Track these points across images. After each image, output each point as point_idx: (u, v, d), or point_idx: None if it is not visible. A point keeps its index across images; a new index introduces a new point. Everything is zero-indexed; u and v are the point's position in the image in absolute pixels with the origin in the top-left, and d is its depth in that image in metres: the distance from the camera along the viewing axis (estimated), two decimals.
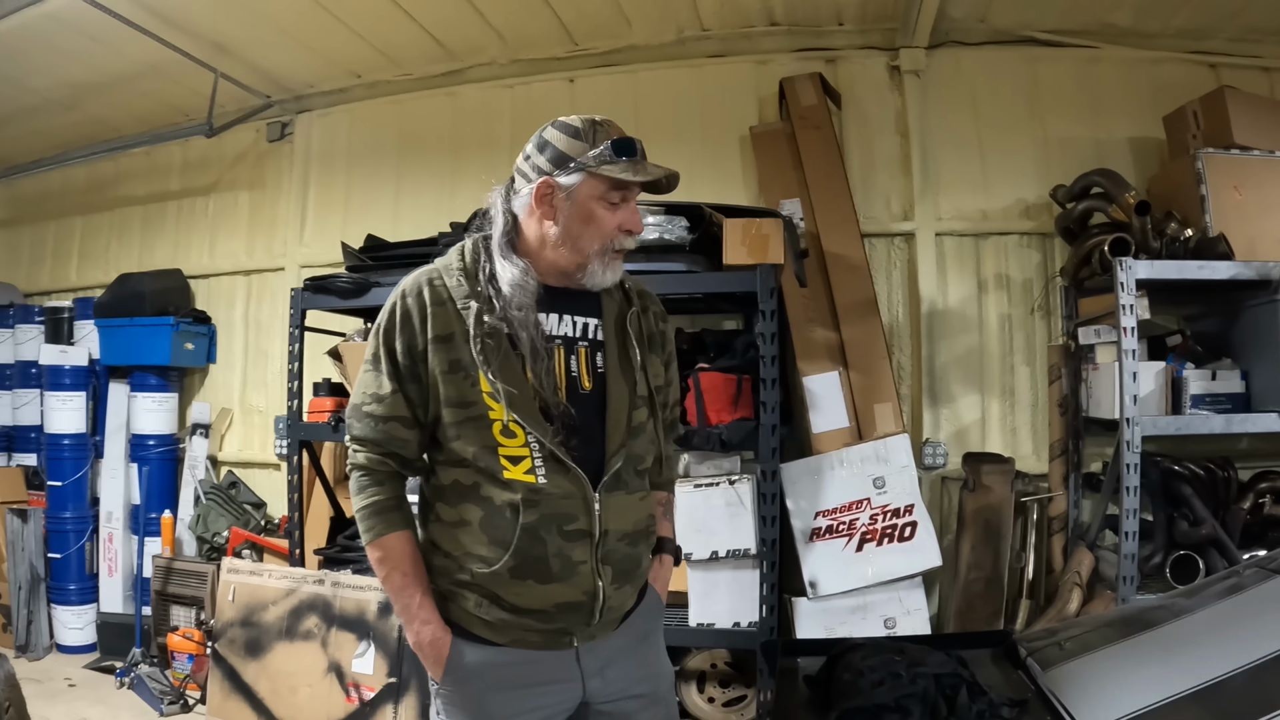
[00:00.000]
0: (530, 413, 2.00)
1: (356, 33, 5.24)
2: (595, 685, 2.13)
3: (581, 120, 2.08)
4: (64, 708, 5.10)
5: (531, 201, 2.07)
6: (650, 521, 2.24)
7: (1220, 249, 3.94)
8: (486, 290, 2.07)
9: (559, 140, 2.06)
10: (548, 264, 2.11)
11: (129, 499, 6.25)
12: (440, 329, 2.04)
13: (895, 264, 5.06)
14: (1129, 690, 2.05)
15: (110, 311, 6.17)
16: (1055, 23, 4.90)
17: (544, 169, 2.06)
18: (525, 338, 2.02)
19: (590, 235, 2.07)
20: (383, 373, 2.09)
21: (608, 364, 2.15)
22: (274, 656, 4.50)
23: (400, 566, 2.10)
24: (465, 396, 2.02)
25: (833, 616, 4.06)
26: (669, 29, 5.23)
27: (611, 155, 2.03)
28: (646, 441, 2.20)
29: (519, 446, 2.01)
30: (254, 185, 6.45)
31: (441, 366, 2.03)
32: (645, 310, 2.29)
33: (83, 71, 5.62)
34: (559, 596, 2.03)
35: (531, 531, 1.99)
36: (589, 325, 2.17)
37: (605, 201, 2.06)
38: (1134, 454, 3.80)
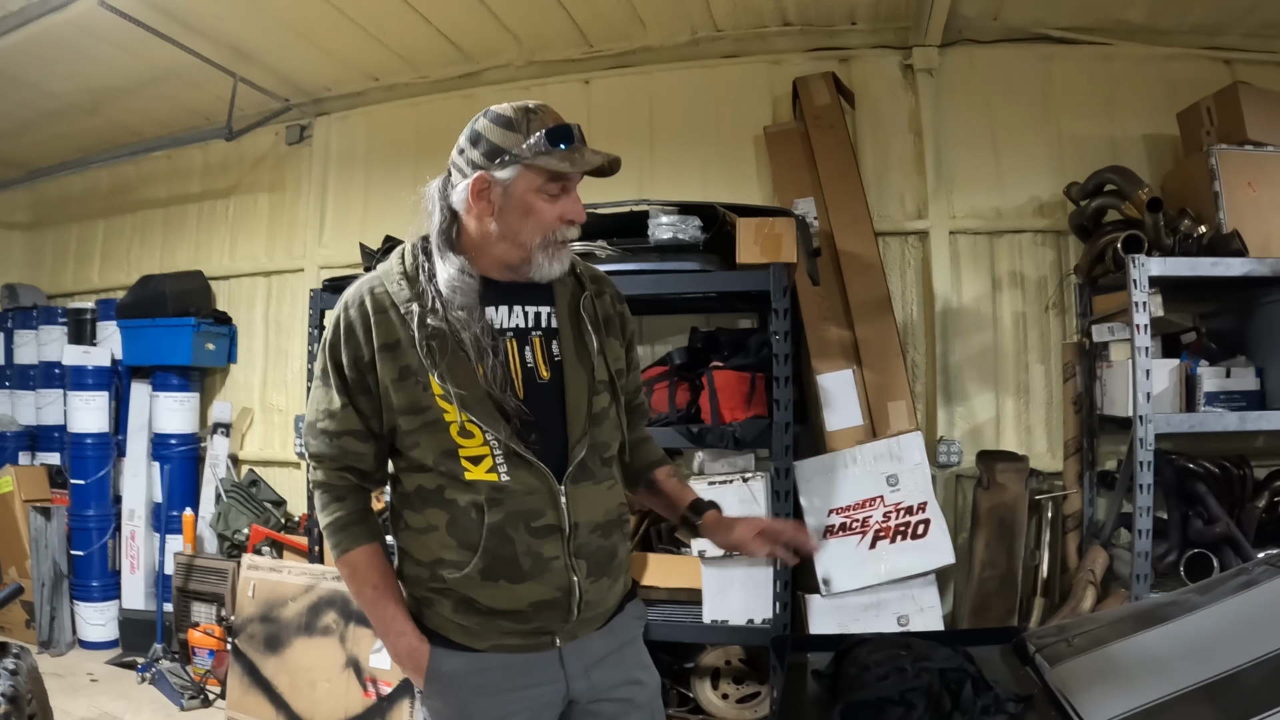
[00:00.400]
0: (485, 411, 1.96)
1: (374, 36, 5.27)
2: (580, 686, 2.09)
3: (514, 109, 2.01)
4: (86, 702, 5.15)
5: (468, 197, 2.00)
6: (622, 510, 2.19)
7: (1234, 245, 3.92)
8: (429, 291, 2.01)
9: (491, 132, 2.00)
10: (491, 259, 2.05)
11: (151, 497, 6.31)
12: (385, 337, 2.00)
13: (909, 262, 5.06)
14: (1136, 686, 2.05)
15: (132, 312, 6.24)
16: (1068, 20, 4.87)
17: (478, 163, 1.99)
18: (469, 338, 1.97)
19: (531, 229, 2.00)
20: (332, 387, 2.06)
21: (563, 351, 2.09)
22: (293, 652, 4.54)
23: (370, 580, 2.08)
24: (418, 402, 1.98)
25: (846, 614, 4.07)
26: (683, 30, 5.24)
27: (546, 146, 1.96)
28: (611, 428, 2.14)
29: (478, 446, 1.97)
30: (274, 188, 6.50)
31: (391, 375, 1.99)
32: (600, 294, 2.23)
33: (104, 76, 5.67)
34: (533, 595, 1.99)
35: (498, 531, 1.96)
36: (541, 314, 2.11)
37: (544, 194, 1.99)
38: (1147, 452, 3.78)
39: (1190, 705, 1.90)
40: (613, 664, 2.14)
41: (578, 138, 2.00)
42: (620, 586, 2.18)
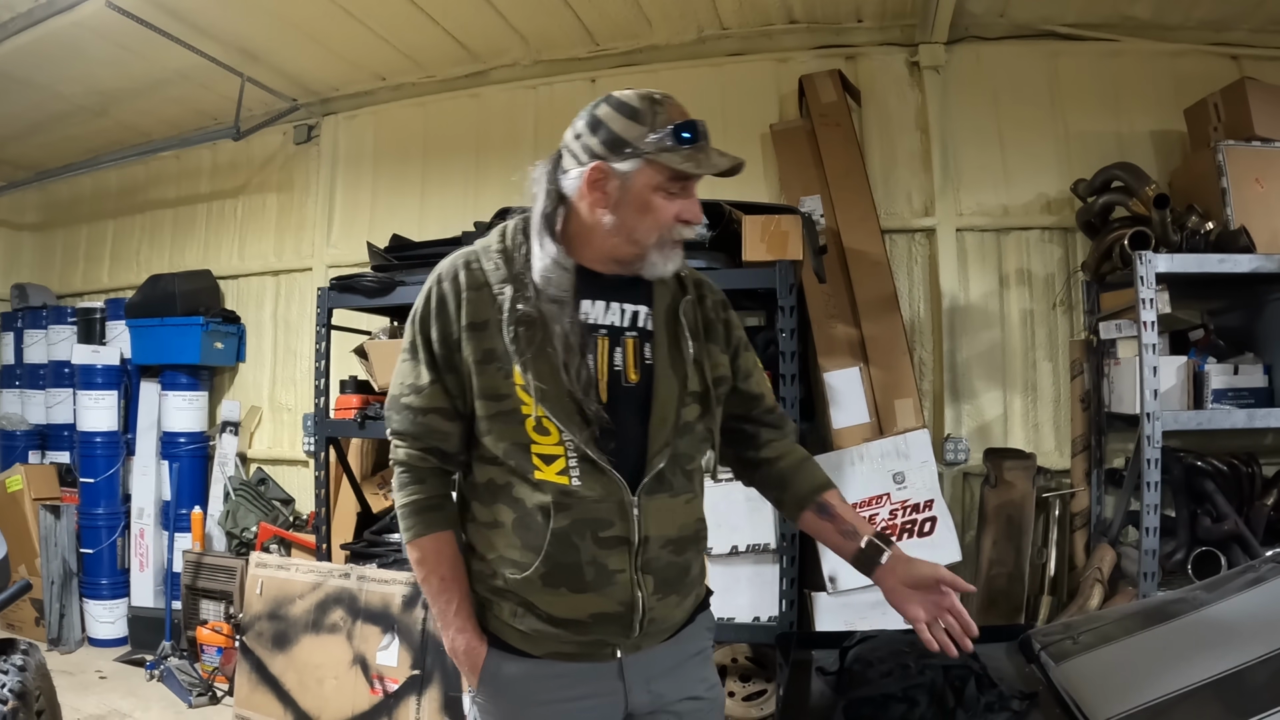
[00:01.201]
0: (564, 409, 1.84)
1: (381, 36, 5.29)
2: (641, 699, 1.99)
3: (639, 97, 1.90)
4: (95, 699, 5.18)
5: (582, 186, 1.89)
6: (700, 526, 2.07)
7: (1241, 242, 3.91)
8: (524, 274, 1.91)
9: (613, 120, 1.87)
10: (598, 250, 1.94)
11: (160, 495, 6.34)
12: (474, 315, 1.90)
13: (916, 260, 5.05)
14: (1140, 683, 2.04)
15: (141, 312, 6.27)
16: (1075, 16, 4.86)
17: (596, 151, 1.87)
18: (558, 331, 1.86)
19: (647, 227, 1.90)
20: (420, 362, 1.97)
21: (656, 356, 1.97)
22: (300, 649, 4.55)
23: (438, 570, 1.99)
24: (498, 389, 1.88)
25: (853, 611, 4.07)
26: (689, 28, 5.24)
27: (673, 142, 1.85)
28: (697, 440, 2.03)
29: (552, 445, 1.86)
30: (282, 187, 6.53)
31: (475, 356, 1.89)
32: (702, 299, 2.11)
33: (113, 78, 5.70)
34: (594, 607, 1.89)
35: (563, 537, 1.86)
36: (639, 314, 1.99)
37: (663, 191, 1.87)
38: (1155, 449, 3.76)
39: (1195, 703, 1.90)
40: (676, 678, 2.04)
41: (703, 135, 1.90)
42: (691, 601, 2.08)
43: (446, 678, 4.08)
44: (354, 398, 4.96)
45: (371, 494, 5.33)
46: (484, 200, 5.55)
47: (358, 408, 4.82)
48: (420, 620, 4.19)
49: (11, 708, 3.19)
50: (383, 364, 4.72)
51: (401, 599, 4.27)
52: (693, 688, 2.07)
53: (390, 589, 4.32)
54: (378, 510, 5.23)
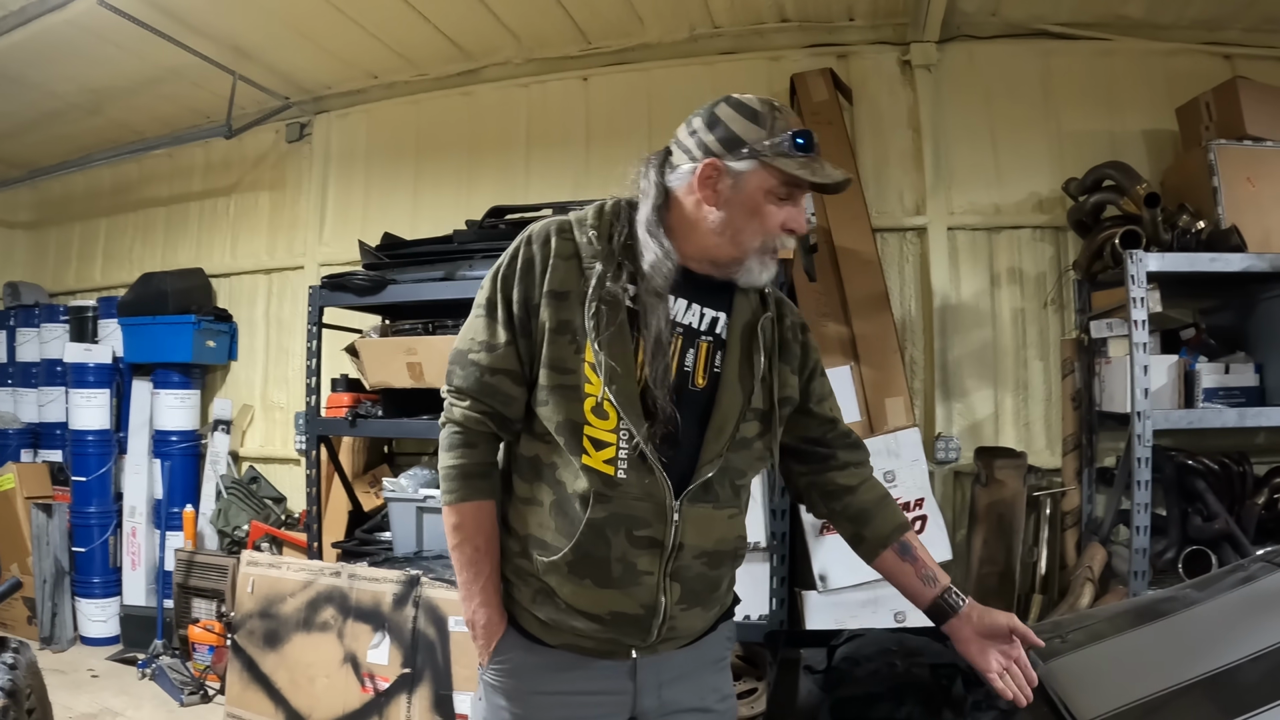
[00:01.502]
0: (629, 397, 1.82)
1: (373, 35, 5.30)
2: (649, 702, 1.98)
3: (760, 102, 1.89)
4: (88, 698, 5.17)
5: (694, 181, 1.86)
6: (739, 544, 2.03)
7: (1233, 241, 3.92)
8: (618, 256, 1.89)
9: (733, 120, 1.87)
10: (697, 248, 1.92)
11: (152, 494, 6.33)
12: (557, 284, 1.87)
13: (907, 258, 5.07)
14: (1127, 681, 2.05)
15: (134, 310, 6.26)
16: (1068, 15, 4.87)
17: (712, 149, 1.86)
18: (654, 323, 1.84)
19: (753, 230, 1.88)
20: (498, 321, 1.93)
21: (726, 365, 1.95)
22: (292, 647, 4.54)
23: (474, 539, 1.96)
24: (565, 362, 1.86)
25: (843, 610, 4.07)
26: (681, 27, 5.26)
27: (790, 148, 1.83)
28: (752, 458, 1.99)
29: (607, 431, 1.83)
30: (274, 186, 6.54)
31: (551, 324, 1.86)
32: (781, 318, 2.07)
33: (105, 76, 5.71)
34: (615, 604, 1.87)
35: (597, 529, 1.83)
36: (717, 320, 1.97)
37: (774, 196, 1.86)
38: (1145, 448, 3.78)
39: (1184, 701, 1.89)
40: (689, 685, 2.02)
41: (816, 147, 1.88)
42: (715, 612, 2.06)
43: (437, 676, 4.07)
44: (345, 396, 4.97)
45: (363, 492, 5.33)
46: (476, 198, 5.54)
47: (349, 406, 4.82)
48: (411, 619, 4.19)
49: (2, 706, 3.18)
50: (374, 362, 4.72)
51: (392, 597, 4.26)
52: (704, 697, 2.05)
53: (381, 587, 4.31)
54: (369, 509, 5.24)
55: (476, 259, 4.46)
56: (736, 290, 1.98)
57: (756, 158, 1.83)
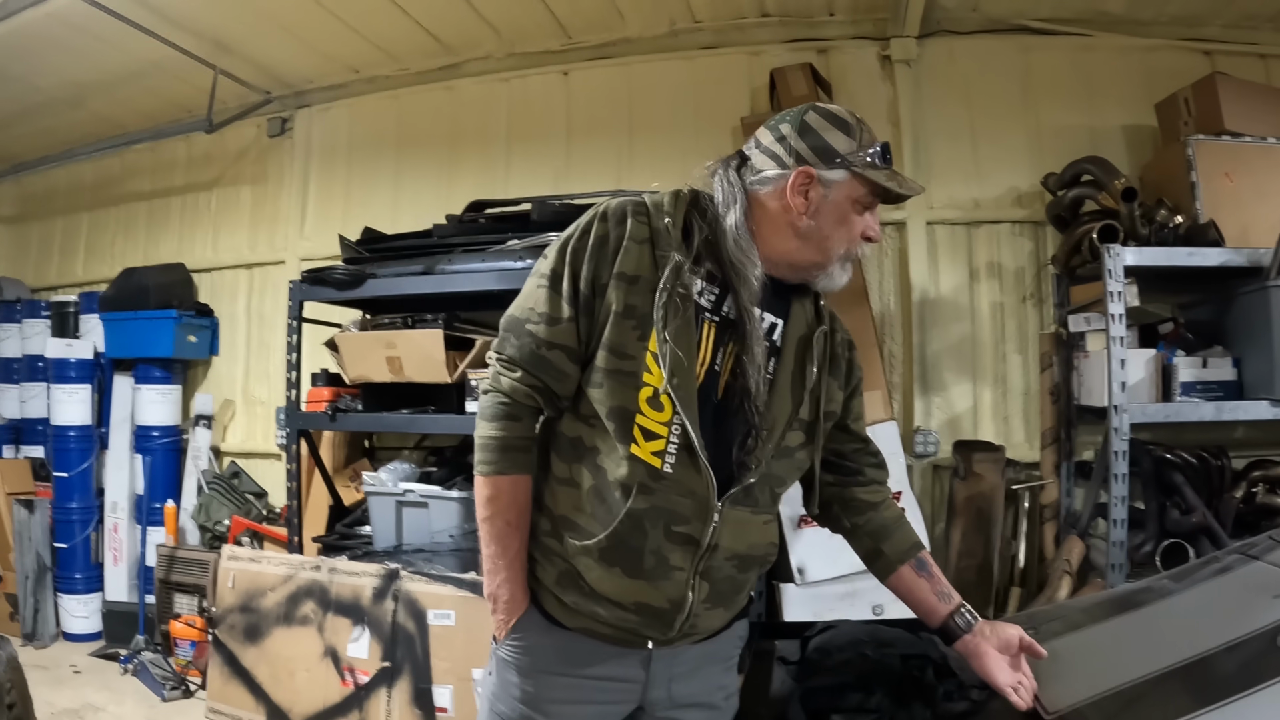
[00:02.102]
0: (689, 392, 1.83)
1: (353, 29, 5.30)
2: (658, 695, 1.99)
3: (847, 112, 1.94)
4: (70, 693, 5.17)
5: (786, 188, 1.89)
6: (769, 550, 2.06)
7: (1210, 236, 3.93)
8: (698, 250, 1.90)
9: (825, 130, 1.90)
10: (779, 252, 1.94)
11: (134, 489, 6.32)
12: (630, 267, 1.86)
13: (886, 252, 5.07)
14: (1101, 671, 2.06)
15: (115, 305, 6.24)
16: (1048, 11, 4.89)
17: (805, 157, 1.89)
18: (750, 329, 1.87)
19: (839, 238, 1.92)
20: (562, 295, 1.90)
21: (778, 373, 1.96)
22: (272, 642, 4.54)
23: (507, 514, 1.94)
24: (625, 347, 1.84)
25: (821, 603, 4.08)
26: (662, 21, 5.27)
27: (880, 161, 1.90)
28: (793, 468, 2.02)
29: (660, 423, 1.82)
30: (256, 180, 6.52)
31: (618, 306, 1.84)
32: (834, 332, 2.10)
33: (87, 70, 5.70)
34: (641, 595, 1.87)
35: (636, 519, 1.83)
36: (775, 326, 1.99)
37: (859, 205, 1.92)
38: (1123, 441, 3.79)
39: (1155, 690, 1.90)
40: (698, 681, 2.04)
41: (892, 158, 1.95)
42: (732, 614, 2.07)
43: (417, 669, 4.07)
44: (326, 390, 4.97)
45: (343, 486, 5.33)
46: (456, 192, 5.55)
47: (329, 400, 4.82)
48: (390, 613, 4.18)
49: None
50: (353, 356, 4.71)
51: (372, 591, 4.26)
52: (709, 694, 2.06)
53: (361, 581, 4.30)
54: (350, 503, 5.23)
55: (456, 253, 4.46)
56: (794, 299, 2.01)
57: (848, 168, 1.87)
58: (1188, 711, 1.75)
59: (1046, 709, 2.02)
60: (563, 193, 4.78)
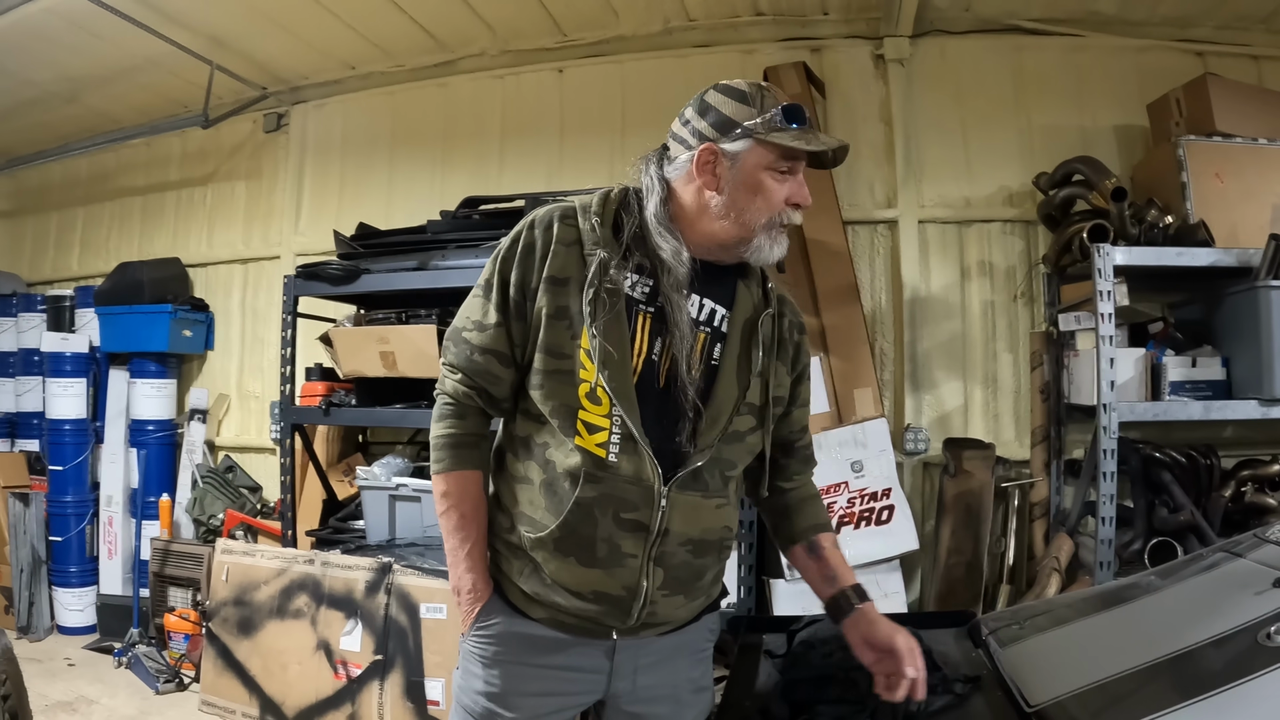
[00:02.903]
0: (623, 384, 1.85)
1: (349, 25, 5.31)
2: (622, 686, 2.01)
3: (747, 84, 1.91)
4: (63, 686, 5.18)
5: (692, 168, 1.90)
6: (725, 534, 2.05)
7: (1200, 236, 3.95)
8: (626, 245, 1.92)
9: (723, 104, 1.89)
10: (703, 235, 1.94)
11: (128, 483, 6.34)
12: (557, 270, 1.90)
13: (878, 251, 5.10)
14: (1084, 665, 2.08)
15: (110, 299, 6.25)
16: (1040, 11, 4.91)
17: (706, 134, 1.89)
18: (681, 319, 1.88)
19: (757, 208, 1.89)
20: (491, 302, 1.96)
21: (724, 358, 1.97)
22: (265, 635, 4.56)
23: (461, 506, 2.00)
24: (562, 347, 1.88)
25: (810, 598, 3.95)
26: (656, 19, 5.28)
27: (782, 122, 1.85)
28: (743, 451, 2.02)
29: (601, 416, 1.86)
30: (251, 175, 6.53)
31: (549, 310, 1.89)
32: (781, 315, 2.08)
33: (82, 65, 5.70)
34: (597, 584, 1.90)
35: (585, 508, 1.86)
36: (716, 313, 1.99)
37: (774, 172, 1.88)
38: (1111, 440, 3.82)
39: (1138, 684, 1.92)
40: (664, 673, 2.05)
41: (808, 120, 1.90)
42: (700, 603, 2.08)
43: (409, 663, 4.09)
44: (320, 385, 4.99)
45: (337, 481, 5.35)
46: (450, 189, 5.56)
47: (323, 395, 4.84)
48: (383, 606, 4.21)
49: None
50: (347, 351, 4.73)
51: (365, 585, 4.28)
52: (677, 686, 2.07)
53: (354, 575, 4.32)
54: (343, 497, 5.25)
55: (450, 249, 4.49)
56: (740, 283, 2.01)
57: (750, 136, 1.85)
58: (1170, 704, 1.78)
59: (1029, 702, 2.05)
60: (556, 189, 4.83)
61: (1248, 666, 1.79)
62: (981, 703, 2.16)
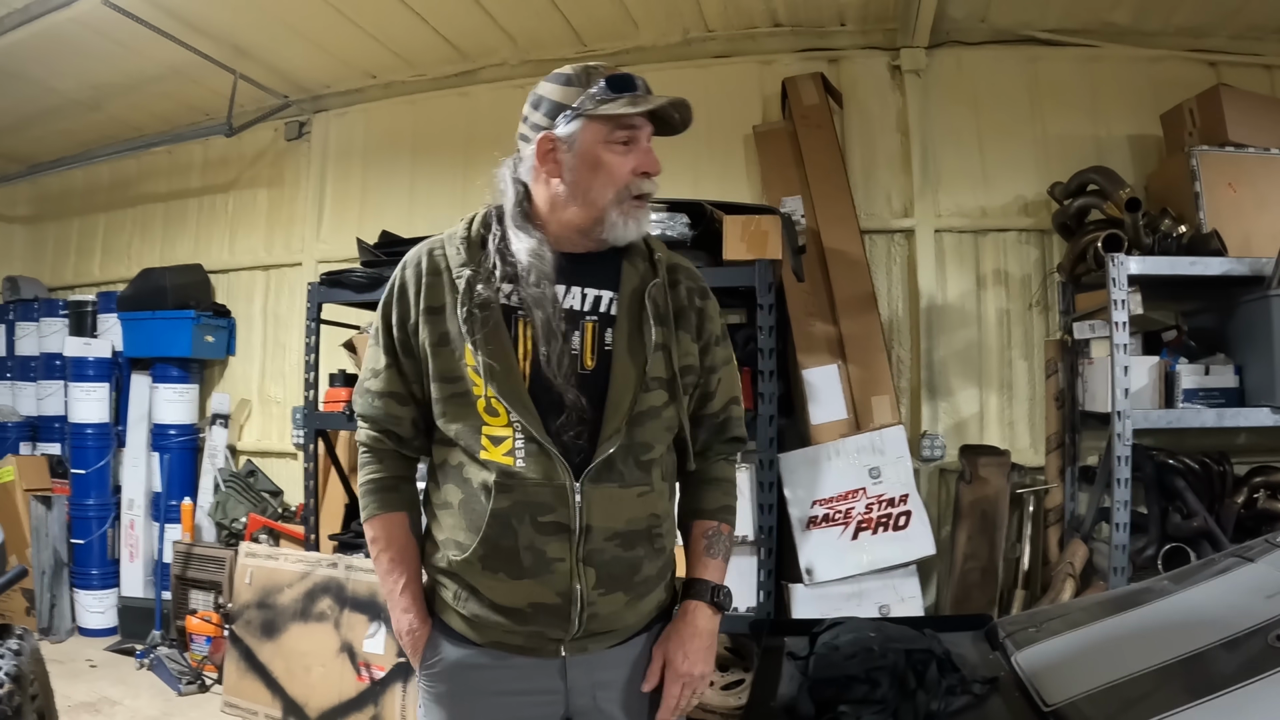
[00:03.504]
0: (513, 390, 1.85)
1: (372, 35, 5.37)
2: (583, 702, 1.97)
3: (573, 67, 1.92)
4: (85, 687, 5.23)
5: (535, 161, 1.91)
6: (654, 522, 1.97)
7: (1212, 245, 3.99)
8: (490, 261, 1.92)
9: (552, 91, 1.91)
10: (562, 226, 1.94)
11: (150, 487, 6.41)
12: (431, 300, 1.94)
13: (895, 260, 5.15)
14: (1099, 667, 2.14)
15: (133, 305, 6.32)
16: (1055, 22, 4.95)
17: (541, 124, 1.90)
18: (540, 317, 1.87)
19: (602, 184, 1.89)
20: (380, 347, 2.01)
21: (616, 341, 1.94)
22: (288, 637, 4.62)
23: (389, 550, 2.02)
24: (452, 371, 1.90)
25: (828, 603, 4.16)
26: (675, 30, 5.32)
27: (607, 93, 1.86)
28: (660, 429, 1.96)
29: (502, 426, 1.86)
30: (272, 183, 6.60)
31: (431, 339, 1.92)
32: (675, 284, 2.05)
33: (106, 73, 5.77)
34: (532, 595, 1.87)
35: (502, 519, 1.85)
36: (601, 299, 1.97)
37: (613, 145, 1.88)
38: (1125, 447, 3.85)
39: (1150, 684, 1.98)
40: (627, 693, 2.00)
41: (641, 86, 1.91)
42: (649, 605, 2.02)
43: None
44: (343, 391, 5.04)
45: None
46: (471, 197, 5.57)
47: (346, 401, 4.89)
48: None
49: (7, 691, 3.23)
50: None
51: None
52: (641, 705, 2.02)
53: (376, 578, 4.38)
54: None
55: None
56: (624, 264, 2.00)
57: (581, 115, 1.87)
58: (1183, 703, 1.84)
59: (1046, 702, 2.10)
60: None
61: (1259, 667, 1.85)
62: (999, 703, 2.23)
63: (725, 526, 2.15)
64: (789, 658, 2.63)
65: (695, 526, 2.12)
